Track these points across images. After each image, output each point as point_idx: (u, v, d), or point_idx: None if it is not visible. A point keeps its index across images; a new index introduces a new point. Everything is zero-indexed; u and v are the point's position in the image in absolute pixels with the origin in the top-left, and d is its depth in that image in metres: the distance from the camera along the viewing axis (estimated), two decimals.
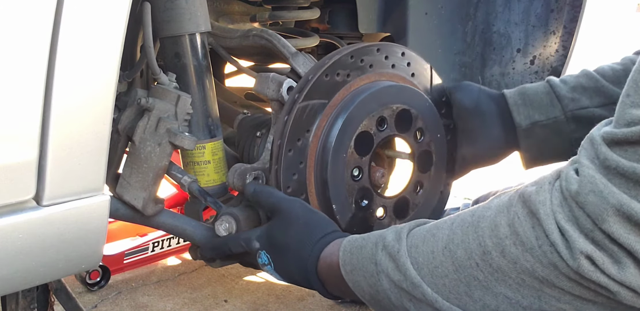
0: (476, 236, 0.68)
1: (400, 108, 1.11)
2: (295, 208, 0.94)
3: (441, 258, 0.71)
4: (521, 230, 0.64)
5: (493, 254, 0.66)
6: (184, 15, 1.05)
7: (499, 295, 0.67)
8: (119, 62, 0.79)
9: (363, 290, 0.80)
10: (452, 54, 1.53)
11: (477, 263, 0.68)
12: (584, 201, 0.59)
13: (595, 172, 0.59)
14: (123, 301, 1.88)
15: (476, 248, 0.68)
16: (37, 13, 0.70)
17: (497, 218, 0.67)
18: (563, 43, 1.41)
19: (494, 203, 0.70)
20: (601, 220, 0.58)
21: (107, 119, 0.80)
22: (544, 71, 1.46)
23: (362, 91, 1.07)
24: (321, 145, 1.04)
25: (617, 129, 0.59)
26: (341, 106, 1.05)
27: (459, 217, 0.73)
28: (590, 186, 0.59)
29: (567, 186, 0.62)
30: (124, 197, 1.03)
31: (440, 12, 1.49)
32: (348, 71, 1.06)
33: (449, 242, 0.71)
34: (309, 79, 1.02)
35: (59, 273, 0.90)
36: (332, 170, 1.03)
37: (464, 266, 0.69)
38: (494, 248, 0.66)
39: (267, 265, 0.93)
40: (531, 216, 0.64)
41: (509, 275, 0.65)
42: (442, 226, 0.74)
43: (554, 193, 0.63)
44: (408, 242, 0.76)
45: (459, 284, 0.70)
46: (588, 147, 0.62)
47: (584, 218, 0.60)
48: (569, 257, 0.60)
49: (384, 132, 1.10)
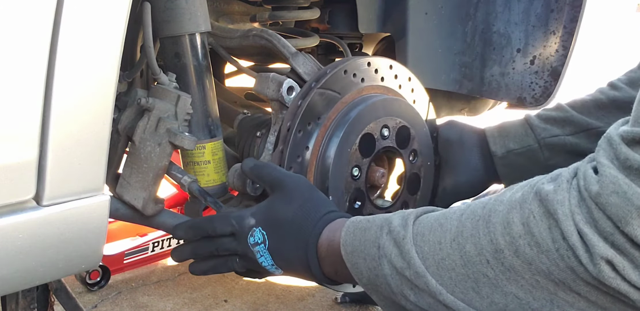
0: (487, 231, 0.66)
1: (402, 124, 1.16)
2: (300, 183, 0.92)
3: (448, 250, 0.69)
4: (537, 231, 0.62)
5: (506, 253, 0.64)
6: (184, 15, 1.05)
7: (509, 294, 0.65)
8: (119, 62, 0.79)
9: (361, 272, 0.79)
10: (452, 54, 1.53)
11: (488, 260, 0.66)
12: (605, 202, 0.57)
13: (617, 172, 0.58)
14: (123, 301, 1.88)
15: (487, 245, 0.66)
16: (37, 13, 0.70)
17: (510, 214, 0.65)
18: (563, 43, 1.41)
19: (507, 197, 0.68)
20: (624, 223, 0.56)
21: (107, 119, 0.80)
22: (544, 71, 1.45)
23: (374, 96, 1.12)
24: (329, 134, 1.05)
25: (636, 128, 0.58)
26: (353, 104, 1.08)
27: (469, 208, 0.71)
28: (613, 187, 0.57)
29: (586, 186, 0.60)
30: (124, 197, 1.03)
31: (440, 12, 1.49)
32: (363, 76, 1.11)
33: (458, 235, 0.69)
34: (327, 72, 1.05)
35: (59, 273, 0.90)
36: (335, 162, 1.05)
37: (473, 261, 0.67)
38: (507, 246, 0.64)
39: (260, 244, 0.88)
40: (548, 216, 0.61)
41: (522, 276, 0.64)
42: (451, 217, 0.72)
43: (572, 192, 0.61)
44: (414, 229, 0.74)
45: (466, 279, 0.68)
46: (606, 147, 0.61)
47: (603, 221, 0.58)
48: (588, 262, 0.58)
49: (385, 141, 1.13)
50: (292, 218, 0.87)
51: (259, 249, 0.88)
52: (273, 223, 0.88)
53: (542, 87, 1.46)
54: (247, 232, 0.89)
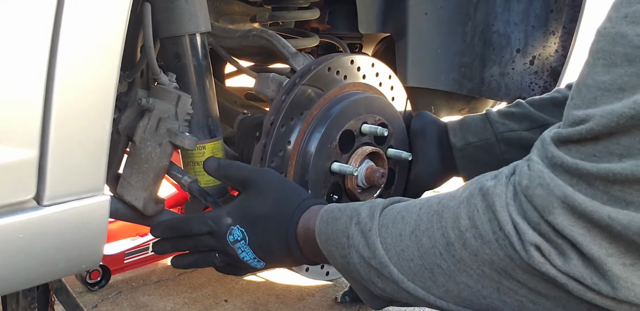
0: (440, 226, 0.71)
1: (381, 121, 1.18)
2: (269, 176, 0.94)
3: (407, 242, 0.74)
4: (480, 223, 0.67)
5: (455, 246, 0.69)
6: (184, 15, 1.05)
7: (460, 283, 0.70)
8: (120, 62, 0.79)
9: (336, 259, 0.83)
10: (451, 54, 1.53)
11: (441, 253, 0.71)
12: (532, 194, 0.62)
13: (544, 167, 0.63)
14: (123, 301, 1.89)
15: (440, 238, 0.71)
16: (38, 13, 0.70)
17: (458, 209, 0.70)
18: (562, 43, 1.41)
19: (458, 193, 0.73)
20: (547, 212, 0.61)
21: (108, 119, 0.80)
22: (544, 71, 1.46)
23: (356, 93, 1.14)
24: (311, 130, 1.08)
25: (562, 129, 0.63)
26: (335, 100, 1.11)
27: (427, 203, 0.76)
28: (539, 180, 0.62)
29: (519, 180, 0.65)
30: (124, 197, 1.03)
31: (440, 12, 1.49)
32: (346, 73, 1.13)
33: (416, 228, 0.74)
34: (311, 69, 1.07)
35: (60, 273, 0.90)
36: (315, 156, 1.07)
37: (428, 253, 0.72)
38: (456, 239, 0.69)
39: (240, 241, 0.90)
40: (488, 209, 0.66)
41: (470, 266, 0.68)
42: (412, 210, 0.77)
43: (509, 186, 0.66)
44: (380, 221, 0.79)
45: (423, 269, 0.73)
46: (540, 146, 0.65)
47: (531, 211, 0.62)
48: (521, 248, 0.63)
49: (364, 138, 1.16)
50: (268, 211, 0.90)
51: (239, 246, 0.90)
52: (250, 219, 0.91)
53: (542, 88, 1.47)
54: (226, 231, 0.91)
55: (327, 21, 1.54)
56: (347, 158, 1.13)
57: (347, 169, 1.09)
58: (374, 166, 1.15)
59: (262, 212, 0.90)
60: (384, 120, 1.19)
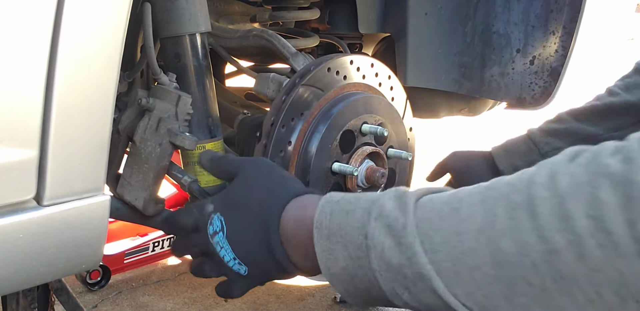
0: (535, 225, 0.51)
1: (381, 121, 1.18)
2: (258, 163, 0.84)
3: (472, 244, 0.55)
4: (613, 226, 0.47)
5: (564, 255, 0.49)
6: (184, 15, 1.05)
7: (553, 308, 0.52)
8: (120, 62, 0.79)
9: (336, 260, 0.65)
10: (451, 54, 1.53)
11: (535, 264, 0.51)
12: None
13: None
14: (123, 301, 1.89)
15: (536, 243, 0.51)
16: (38, 13, 0.70)
17: (567, 202, 0.50)
18: (562, 43, 1.41)
19: (544, 179, 0.53)
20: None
21: (108, 119, 0.80)
22: (544, 71, 1.46)
23: (356, 94, 1.14)
24: (311, 130, 1.08)
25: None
26: (335, 101, 1.11)
27: (492, 192, 0.56)
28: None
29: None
30: (124, 197, 1.03)
31: (440, 13, 1.49)
32: (346, 73, 1.13)
33: (488, 226, 0.54)
34: (311, 69, 1.07)
35: (60, 273, 0.90)
36: (316, 157, 1.07)
37: (510, 262, 0.52)
38: (568, 247, 0.49)
39: (218, 233, 0.77)
40: (629, 203, 0.46)
41: (580, 286, 0.50)
42: (468, 201, 0.58)
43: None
44: (419, 214, 0.60)
45: (494, 282, 0.54)
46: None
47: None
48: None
49: (364, 138, 1.16)
50: (250, 195, 0.77)
51: (217, 240, 0.77)
52: (231, 205, 0.78)
53: (542, 88, 1.47)
54: (207, 220, 0.79)
55: (327, 21, 1.54)
56: (348, 158, 1.13)
57: (348, 169, 1.09)
58: (374, 166, 1.15)
59: (245, 196, 0.78)
60: (383, 120, 1.19)
